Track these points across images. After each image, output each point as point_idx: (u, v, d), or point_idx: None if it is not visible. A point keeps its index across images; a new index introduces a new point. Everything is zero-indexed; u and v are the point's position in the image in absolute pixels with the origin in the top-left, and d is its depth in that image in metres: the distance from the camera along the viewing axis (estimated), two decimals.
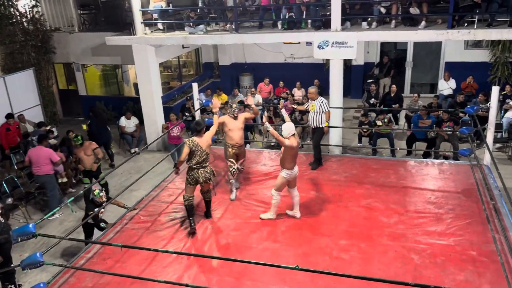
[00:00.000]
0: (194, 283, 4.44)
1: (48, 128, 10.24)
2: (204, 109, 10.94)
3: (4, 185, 8.44)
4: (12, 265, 5.90)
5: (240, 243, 5.45)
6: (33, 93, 11.50)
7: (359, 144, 10.36)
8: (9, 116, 10.00)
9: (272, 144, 10.81)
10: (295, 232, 5.65)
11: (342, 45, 8.85)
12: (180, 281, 4.64)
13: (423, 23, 8.79)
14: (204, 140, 5.68)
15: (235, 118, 6.47)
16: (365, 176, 7.01)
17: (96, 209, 6.17)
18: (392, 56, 13.85)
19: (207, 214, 6.08)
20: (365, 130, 10.02)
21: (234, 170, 6.47)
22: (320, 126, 7.19)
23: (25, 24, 12.31)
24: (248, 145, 10.65)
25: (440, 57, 13.17)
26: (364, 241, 5.37)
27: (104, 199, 6.38)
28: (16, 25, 12.15)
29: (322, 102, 7.10)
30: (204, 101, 8.96)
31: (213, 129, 5.94)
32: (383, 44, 13.64)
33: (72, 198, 5.62)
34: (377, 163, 7.48)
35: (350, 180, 6.93)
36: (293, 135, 5.72)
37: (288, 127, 5.71)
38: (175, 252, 4.57)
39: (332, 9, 8.87)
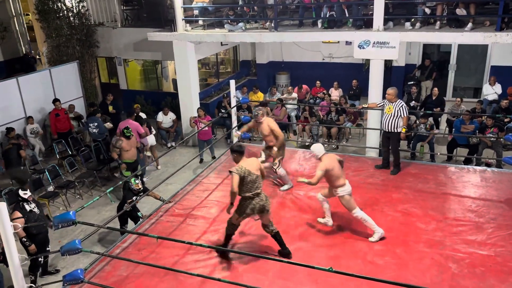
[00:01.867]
0: (226, 278, 4.46)
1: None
2: (240, 107, 11.01)
3: (47, 173, 8.79)
4: (40, 258, 6.11)
5: (273, 242, 5.43)
6: (76, 85, 11.91)
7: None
8: (56, 100, 10.43)
9: (307, 144, 10.73)
10: (328, 234, 5.58)
11: (384, 45, 8.65)
12: (211, 275, 4.68)
13: (469, 24, 8.46)
14: (252, 163, 5.03)
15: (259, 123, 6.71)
16: (402, 181, 6.84)
17: (134, 198, 6.34)
18: (435, 58, 13.45)
19: (283, 251, 5.13)
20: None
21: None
22: (396, 131, 6.92)
23: (71, 19, 12.74)
24: None
25: (486, 60, 12.66)
26: (399, 246, 5.24)
27: (140, 186, 6.60)
28: (62, 19, 12.60)
29: (402, 106, 6.83)
30: (240, 99, 8.98)
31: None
32: (425, 46, 13.25)
33: (112, 188, 5.76)
34: (416, 168, 7.28)
35: (387, 184, 6.78)
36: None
37: (319, 147, 5.47)
38: (208, 246, 4.61)
39: (375, 8, 8.67)
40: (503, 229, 5.41)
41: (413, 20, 9.03)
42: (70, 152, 10.19)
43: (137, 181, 6.64)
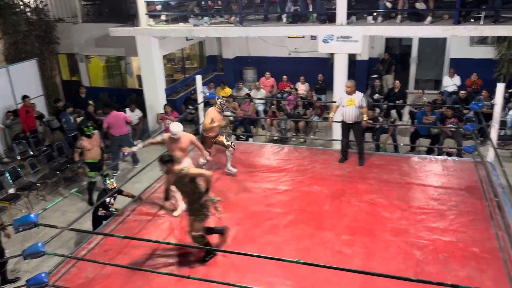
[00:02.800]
0: (195, 275, 4.43)
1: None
2: (207, 102, 10.92)
3: (7, 175, 8.45)
4: (5, 256, 5.90)
5: (242, 237, 5.45)
6: (36, 83, 11.50)
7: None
8: (25, 97, 10.17)
9: (275, 138, 10.79)
10: (297, 226, 5.64)
11: (347, 40, 8.80)
12: (181, 273, 4.64)
13: (429, 18, 8.72)
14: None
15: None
16: (368, 172, 6.98)
17: (108, 199, 6.16)
18: (397, 51, 13.78)
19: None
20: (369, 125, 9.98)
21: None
22: (359, 121, 7.06)
23: (29, 14, 12.27)
24: (251, 138, 10.65)
25: (445, 53, 13.09)
26: (366, 236, 5.35)
27: (115, 185, 6.41)
28: (19, 15, 12.11)
29: (363, 96, 6.99)
30: (207, 94, 8.92)
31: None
32: (388, 40, 13.56)
33: (76, 189, 5.60)
34: (381, 159, 7.46)
35: (354, 175, 6.90)
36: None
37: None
38: (176, 244, 4.57)
39: (338, 3, 8.81)
40: (464, 216, 5.62)
41: (375, 14, 9.22)
42: (31, 153, 9.84)
43: (111, 180, 6.40)
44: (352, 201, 6.16)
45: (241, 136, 10.71)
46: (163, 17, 10.86)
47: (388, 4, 9.21)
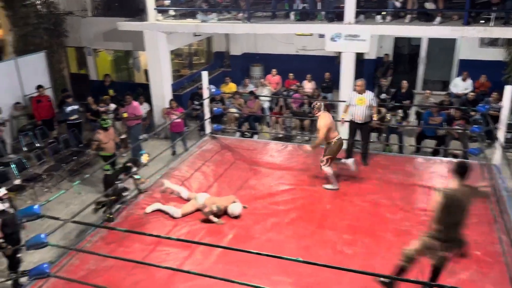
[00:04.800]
0: (196, 270, 4.45)
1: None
2: (213, 98, 10.93)
3: (13, 166, 8.53)
4: (19, 254, 5.97)
5: (244, 234, 5.46)
6: (44, 76, 11.56)
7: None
8: (39, 87, 10.38)
9: (280, 136, 10.77)
10: (299, 224, 5.64)
11: (355, 38, 8.75)
12: (181, 268, 4.66)
13: (438, 18, 8.66)
14: (466, 191, 4.05)
15: None
16: (372, 172, 6.96)
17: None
18: (406, 51, 13.69)
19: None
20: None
21: None
22: (368, 121, 7.03)
23: (39, 7, 12.33)
24: (255, 135, 10.65)
25: (454, 54, 12.98)
26: (368, 236, 5.34)
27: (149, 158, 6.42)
28: (29, 7, 12.18)
29: (374, 96, 6.95)
30: (214, 90, 8.92)
31: None
32: (397, 39, 13.47)
33: (79, 181, 5.64)
34: (385, 159, 7.43)
35: (357, 175, 6.87)
36: None
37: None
38: (177, 239, 4.58)
39: (346, 1, 8.76)
40: (468, 218, 5.58)
41: (383, 13, 9.16)
42: (37, 145, 9.92)
43: (144, 153, 6.36)
44: (355, 200, 6.15)
45: (246, 133, 10.71)
46: (171, 12, 10.87)
47: (397, 4, 9.15)
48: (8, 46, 12.96)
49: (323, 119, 6.31)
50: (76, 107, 10.28)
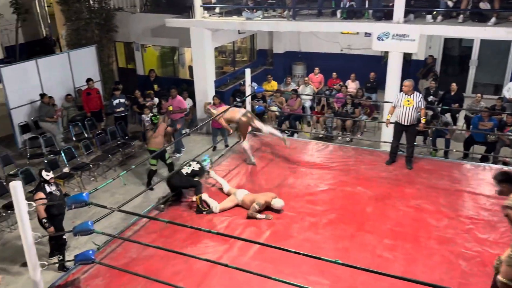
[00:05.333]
0: (233, 264, 4.49)
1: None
2: (255, 96, 10.98)
3: (63, 154, 8.94)
4: (64, 235, 6.26)
5: (281, 232, 5.45)
6: (94, 69, 12.04)
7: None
8: (89, 80, 10.84)
9: (320, 135, 10.67)
10: (337, 226, 5.56)
11: (403, 38, 8.51)
12: (219, 261, 4.72)
13: (493, 19, 8.26)
14: None
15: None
16: (416, 176, 6.75)
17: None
18: (456, 52, 13.17)
19: None
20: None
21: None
22: (415, 123, 6.87)
23: (91, 2, 12.83)
24: (295, 134, 10.59)
25: (509, 57, 12.35)
26: (409, 242, 5.20)
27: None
28: (82, 3, 12.71)
29: (422, 98, 6.77)
30: (256, 88, 8.95)
31: None
32: (446, 40, 12.98)
33: (125, 171, 5.83)
34: (430, 164, 7.18)
35: (401, 178, 6.70)
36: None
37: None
38: (217, 233, 4.63)
39: (396, 0, 8.53)
40: None
41: (435, 13, 8.85)
42: (86, 135, 10.36)
43: (207, 159, 6.60)
44: (397, 205, 5.99)
45: (286, 132, 10.68)
46: (217, 10, 11.00)
47: (450, 3, 8.80)
48: (62, 40, 13.61)
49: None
50: (122, 100, 10.63)
